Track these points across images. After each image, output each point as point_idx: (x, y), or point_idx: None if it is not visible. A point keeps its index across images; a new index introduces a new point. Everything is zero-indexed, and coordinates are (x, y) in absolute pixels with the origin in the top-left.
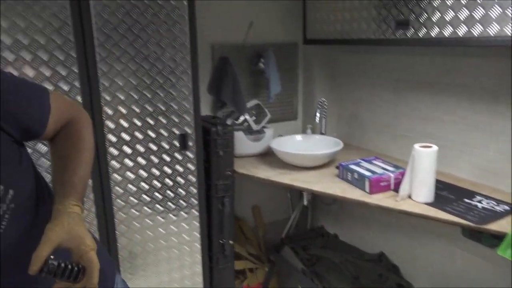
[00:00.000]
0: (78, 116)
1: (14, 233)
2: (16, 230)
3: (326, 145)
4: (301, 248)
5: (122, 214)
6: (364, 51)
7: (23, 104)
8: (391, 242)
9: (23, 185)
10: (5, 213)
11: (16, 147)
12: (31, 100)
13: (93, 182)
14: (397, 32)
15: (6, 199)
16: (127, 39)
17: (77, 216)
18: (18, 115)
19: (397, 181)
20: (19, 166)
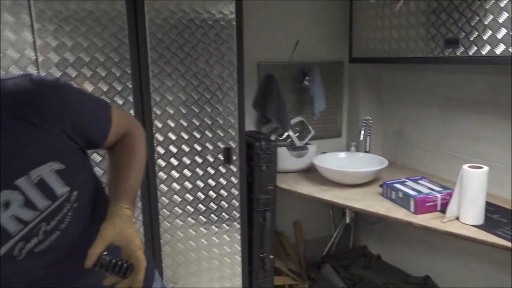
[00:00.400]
0: (134, 130)
1: (74, 230)
2: (76, 227)
3: (370, 163)
4: (343, 267)
5: (167, 223)
6: (411, 70)
7: (90, 116)
8: (437, 266)
9: (85, 188)
10: (69, 211)
11: (81, 154)
12: (96, 113)
13: (141, 192)
14: (446, 50)
15: (71, 199)
16: (178, 57)
17: (128, 218)
18: (85, 126)
19: (444, 201)
20: (83, 171)
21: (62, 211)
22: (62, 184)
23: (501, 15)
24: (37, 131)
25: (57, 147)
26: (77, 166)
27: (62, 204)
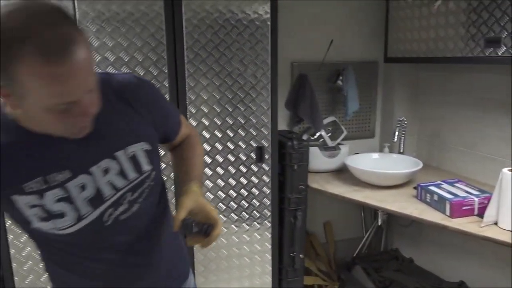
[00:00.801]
0: (193, 133)
1: (146, 207)
2: (148, 204)
3: (404, 164)
4: (373, 270)
5: None
6: (448, 70)
7: (168, 115)
8: (473, 272)
9: (158, 172)
10: (147, 188)
11: (158, 144)
12: (173, 113)
13: (175, 188)
14: (487, 50)
15: (150, 177)
16: (213, 56)
17: (199, 192)
18: (165, 122)
19: (482, 206)
20: (159, 157)
21: (143, 186)
22: (147, 163)
23: None
24: (135, 115)
25: (147, 132)
26: (157, 151)
27: (144, 180)
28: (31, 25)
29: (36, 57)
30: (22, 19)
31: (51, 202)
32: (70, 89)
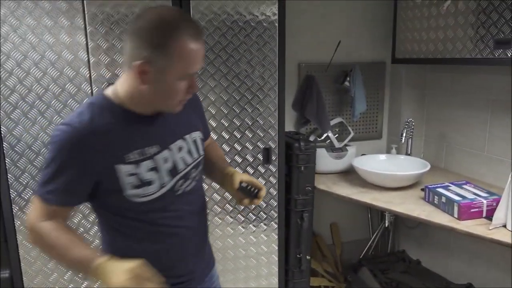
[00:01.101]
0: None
1: (196, 185)
2: (200, 182)
3: (411, 166)
4: (380, 271)
5: None
6: (458, 71)
7: (206, 121)
8: (481, 274)
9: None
10: (200, 169)
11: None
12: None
13: None
14: (496, 51)
15: (201, 161)
16: (221, 58)
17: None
18: (205, 125)
19: (491, 208)
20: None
21: (199, 167)
22: (202, 149)
23: None
24: (194, 112)
25: (201, 126)
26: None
27: (200, 162)
28: (180, 18)
29: (187, 37)
30: (172, 14)
31: (144, 171)
32: (198, 61)
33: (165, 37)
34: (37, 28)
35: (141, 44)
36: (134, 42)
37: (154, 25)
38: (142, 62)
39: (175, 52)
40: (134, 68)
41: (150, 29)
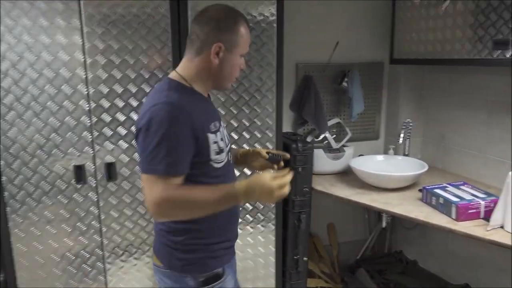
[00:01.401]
0: None
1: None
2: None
3: (409, 166)
4: (377, 272)
5: None
6: (455, 72)
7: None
8: (478, 275)
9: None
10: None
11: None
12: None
13: None
14: (495, 52)
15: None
16: None
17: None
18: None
19: (488, 209)
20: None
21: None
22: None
23: None
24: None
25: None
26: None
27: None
28: (236, 10)
29: (244, 23)
30: (230, 7)
31: (219, 139)
32: (249, 43)
33: (232, 22)
34: (33, 28)
35: (215, 30)
36: (207, 29)
37: (223, 15)
38: (217, 43)
39: (238, 33)
40: (209, 49)
41: (220, 18)
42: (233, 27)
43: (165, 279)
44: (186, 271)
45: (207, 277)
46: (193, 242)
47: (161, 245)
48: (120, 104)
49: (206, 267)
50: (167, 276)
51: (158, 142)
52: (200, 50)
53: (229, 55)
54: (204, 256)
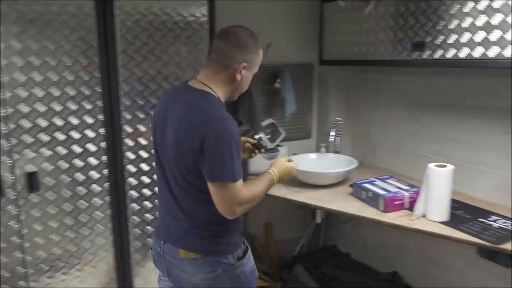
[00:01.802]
0: None
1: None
2: None
3: (340, 163)
4: (314, 267)
5: (138, 231)
6: (380, 72)
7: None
8: (405, 262)
9: None
10: None
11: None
12: None
13: (111, 199)
14: (413, 53)
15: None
16: (149, 60)
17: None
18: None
19: (412, 199)
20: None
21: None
22: None
23: (465, 20)
24: None
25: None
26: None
27: None
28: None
29: (261, 46)
30: (253, 32)
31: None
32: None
33: (256, 46)
34: None
35: (243, 51)
36: (235, 49)
37: (250, 38)
38: (243, 63)
39: (259, 56)
40: (234, 67)
41: (248, 41)
42: (256, 50)
43: (204, 267)
44: (226, 252)
45: (240, 252)
46: (225, 228)
47: (196, 239)
48: (42, 109)
49: (237, 244)
50: (206, 264)
51: (232, 154)
52: (227, 66)
53: (248, 73)
54: (233, 236)
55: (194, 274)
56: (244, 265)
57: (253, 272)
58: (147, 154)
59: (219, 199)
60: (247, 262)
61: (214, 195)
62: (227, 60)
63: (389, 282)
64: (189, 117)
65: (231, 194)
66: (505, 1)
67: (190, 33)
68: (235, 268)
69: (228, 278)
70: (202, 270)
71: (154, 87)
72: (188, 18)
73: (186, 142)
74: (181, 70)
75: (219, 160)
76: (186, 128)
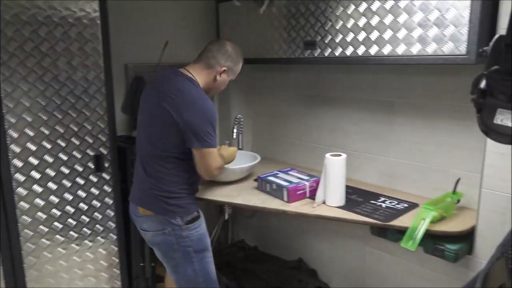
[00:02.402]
0: None
1: None
2: None
3: (244, 159)
4: (223, 263)
5: (30, 245)
6: (277, 70)
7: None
8: (309, 248)
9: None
10: None
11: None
12: None
13: None
14: (306, 52)
15: None
16: (35, 57)
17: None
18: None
19: (312, 188)
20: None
21: None
22: None
23: (349, 21)
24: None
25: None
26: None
27: None
28: (239, 47)
29: (242, 61)
30: (240, 48)
31: None
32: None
33: (237, 58)
34: None
35: (228, 59)
36: (222, 56)
37: (235, 52)
38: (225, 69)
39: (237, 66)
40: (217, 69)
41: (233, 53)
42: (237, 61)
43: (155, 224)
44: (176, 213)
45: (190, 217)
46: (180, 193)
47: (152, 198)
48: None
49: (188, 210)
50: (157, 221)
51: (213, 128)
52: (211, 66)
53: (226, 77)
54: (186, 202)
55: (148, 230)
56: (191, 229)
57: (200, 239)
58: (38, 161)
59: (200, 162)
60: (195, 229)
61: (198, 159)
62: (212, 61)
63: (295, 269)
64: (178, 96)
65: (214, 158)
66: (380, 4)
67: (80, 29)
68: (182, 230)
69: (175, 238)
70: (155, 227)
71: (42, 87)
72: (78, 13)
73: (172, 116)
74: (72, 69)
75: (200, 130)
76: (174, 104)
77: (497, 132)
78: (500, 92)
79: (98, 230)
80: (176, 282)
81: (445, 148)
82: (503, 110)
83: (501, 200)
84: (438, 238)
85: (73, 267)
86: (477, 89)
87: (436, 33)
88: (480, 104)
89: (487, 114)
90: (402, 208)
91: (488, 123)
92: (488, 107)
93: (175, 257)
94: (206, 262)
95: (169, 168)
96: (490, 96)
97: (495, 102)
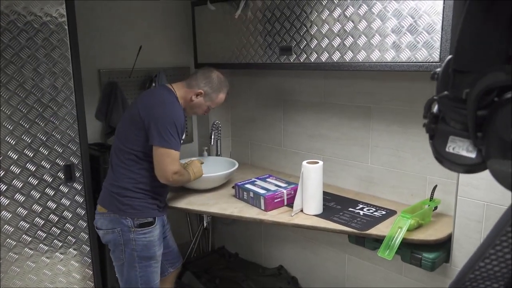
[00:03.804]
0: None
1: None
2: None
3: (222, 166)
4: (203, 271)
5: None
6: (255, 75)
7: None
8: (289, 255)
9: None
10: None
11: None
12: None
13: None
14: (282, 57)
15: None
16: None
17: None
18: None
19: (290, 196)
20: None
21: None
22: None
23: (324, 26)
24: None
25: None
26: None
27: None
28: (226, 81)
29: (225, 93)
30: (224, 78)
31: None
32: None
33: (218, 87)
34: None
35: (208, 85)
36: (203, 80)
37: (217, 79)
38: (201, 92)
39: (217, 98)
40: (195, 90)
41: (215, 81)
42: (217, 89)
43: (106, 222)
44: (127, 214)
45: (144, 221)
46: (137, 196)
47: (108, 196)
48: None
49: (142, 213)
50: (109, 219)
51: (175, 130)
52: (191, 86)
53: (202, 100)
54: (141, 205)
55: (100, 228)
56: (139, 233)
57: (147, 247)
58: (2, 172)
59: (157, 162)
60: (145, 234)
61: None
62: (193, 82)
63: (275, 276)
64: (150, 98)
65: (170, 161)
66: (354, 10)
67: (47, 34)
68: (130, 231)
69: (122, 239)
70: (106, 225)
71: (7, 95)
72: (43, 18)
73: (139, 113)
74: (38, 76)
75: (165, 129)
76: (145, 103)
77: (450, 161)
78: (452, 119)
79: (70, 242)
80: (120, 281)
81: (422, 154)
82: (455, 137)
83: (477, 208)
84: (415, 247)
85: (44, 280)
86: (429, 113)
87: (409, 40)
88: (432, 129)
89: (439, 141)
90: (379, 215)
91: (441, 151)
92: (440, 134)
93: (121, 258)
94: (150, 271)
95: (128, 164)
96: (443, 122)
97: (447, 128)
